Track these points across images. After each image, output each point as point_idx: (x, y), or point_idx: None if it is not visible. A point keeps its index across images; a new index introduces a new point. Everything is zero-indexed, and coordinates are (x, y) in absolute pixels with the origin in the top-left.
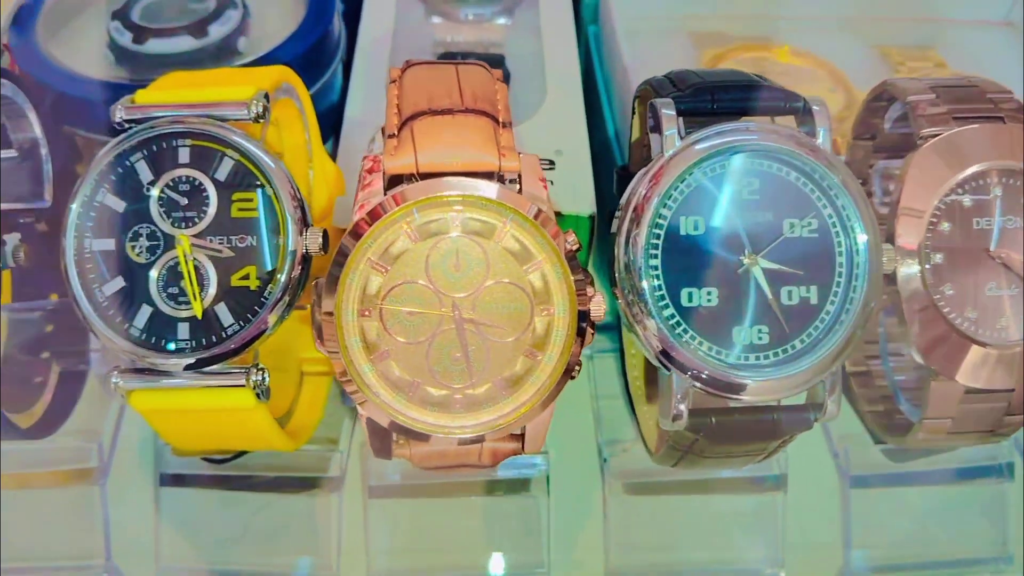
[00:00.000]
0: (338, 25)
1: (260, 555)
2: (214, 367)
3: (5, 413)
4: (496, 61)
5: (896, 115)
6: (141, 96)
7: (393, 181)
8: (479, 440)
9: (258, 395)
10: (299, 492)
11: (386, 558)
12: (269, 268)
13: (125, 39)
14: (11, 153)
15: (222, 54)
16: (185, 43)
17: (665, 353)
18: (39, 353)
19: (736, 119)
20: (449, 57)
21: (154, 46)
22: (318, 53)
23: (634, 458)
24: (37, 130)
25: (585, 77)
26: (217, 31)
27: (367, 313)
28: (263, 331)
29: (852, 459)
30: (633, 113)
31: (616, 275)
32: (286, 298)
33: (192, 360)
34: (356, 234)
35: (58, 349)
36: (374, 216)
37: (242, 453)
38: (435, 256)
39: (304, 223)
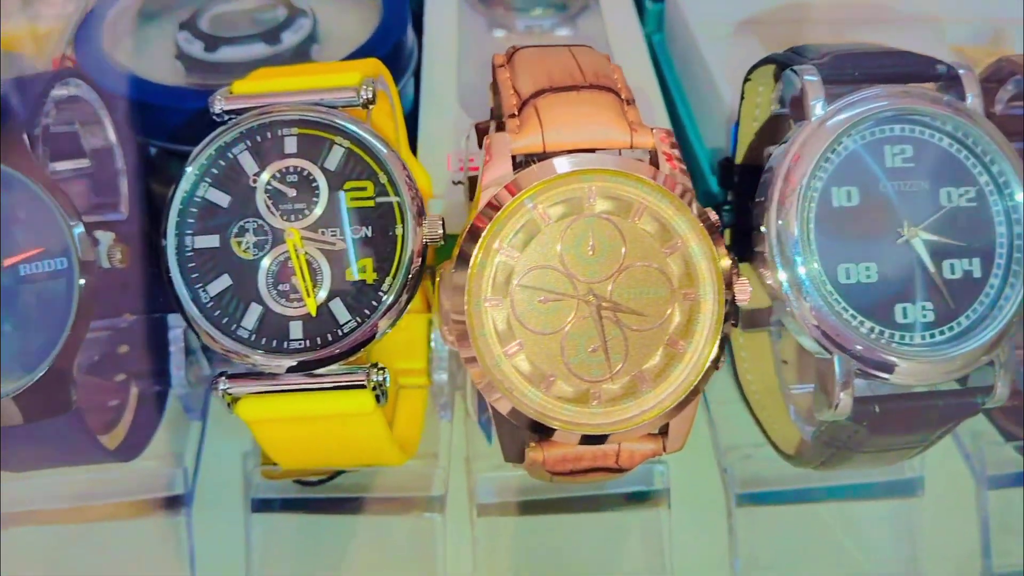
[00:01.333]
0: (411, 36)
1: None
2: (330, 368)
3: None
4: None
5: (1010, 95)
6: (239, 87)
7: (519, 160)
8: (622, 438)
9: (377, 397)
10: (400, 513)
11: None
12: (388, 259)
13: (196, 48)
14: (84, 163)
15: (295, 61)
16: (259, 50)
17: (825, 335)
18: (114, 374)
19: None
20: None
21: (226, 54)
22: (393, 61)
23: (757, 465)
24: (112, 137)
25: None
26: (290, 39)
27: (497, 302)
28: (383, 329)
29: (988, 458)
30: (742, 98)
31: (766, 255)
32: (406, 291)
33: (306, 360)
34: (485, 218)
35: (134, 370)
36: (502, 198)
37: (337, 474)
38: (568, 239)
39: (421, 211)
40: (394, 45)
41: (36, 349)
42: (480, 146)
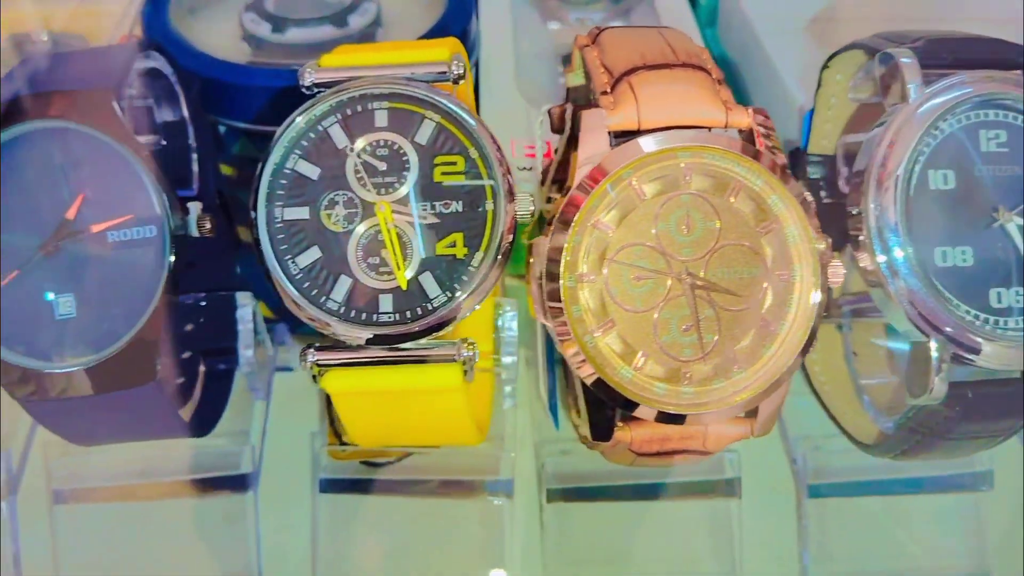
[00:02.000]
0: (475, 23)
1: (427, 566)
2: (419, 341)
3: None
4: None
5: None
6: (327, 60)
7: (613, 137)
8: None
9: (466, 372)
10: (467, 497)
11: (563, 568)
12: (478, 235)
13: (263, 29)
14: (157, 137)
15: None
16: (326, 32)
17: (922, 317)
18: (183, 350)
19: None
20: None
21: (294, 35)
22: None
23: (827, 456)
24: (185, 112)
25: None
26: (356, 21)
27: (592, 278)
28: (472, 304)
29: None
30: (819, 86)
31: (862, 238)
32: (496, 267)
33: (396, 333)
34: (582, 193)
35: (203, 346)
36: (598, 174)
37: (404, 456)
38: (663, 216)
39: (511, 187)
40: (462, 31)
41: (122, 317)
42: (553, 130)
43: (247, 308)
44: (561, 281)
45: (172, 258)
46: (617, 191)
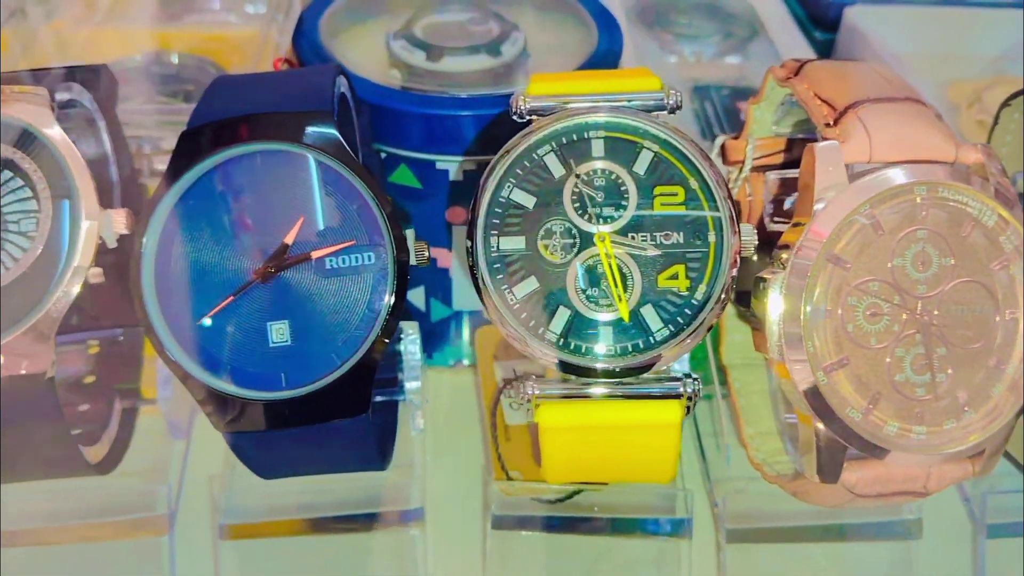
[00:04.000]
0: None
1: None
2: (643, 376)
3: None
4: (753, 94)
5: None
6: (536, 88)
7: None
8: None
9: (688, 409)
10: (644, 536)
11: None
12: (700, 267)
13: (416, 57)
14: None
15: (513, 74)
16: (481, 62)
17: None
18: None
19: None
20: (703, 91)
21: (449, 64)
22: None
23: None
24: (357, 137)
25: None
26: (509, 51)
27: (827, 313)
28: (699, 336)
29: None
30: (995, 123)
31: None
32: (721, 301)
33: (618, 367)
34: (823, 227)
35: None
36: (839, 208)
37: (576, 492)
38: (900, 251)
39: (735, 219)
40: (615, 63)
41: (339, 346)
42: (726, 162)
43: (413, 339)
44: (801, 315)
45: (395, 286)
46: (858, 225)
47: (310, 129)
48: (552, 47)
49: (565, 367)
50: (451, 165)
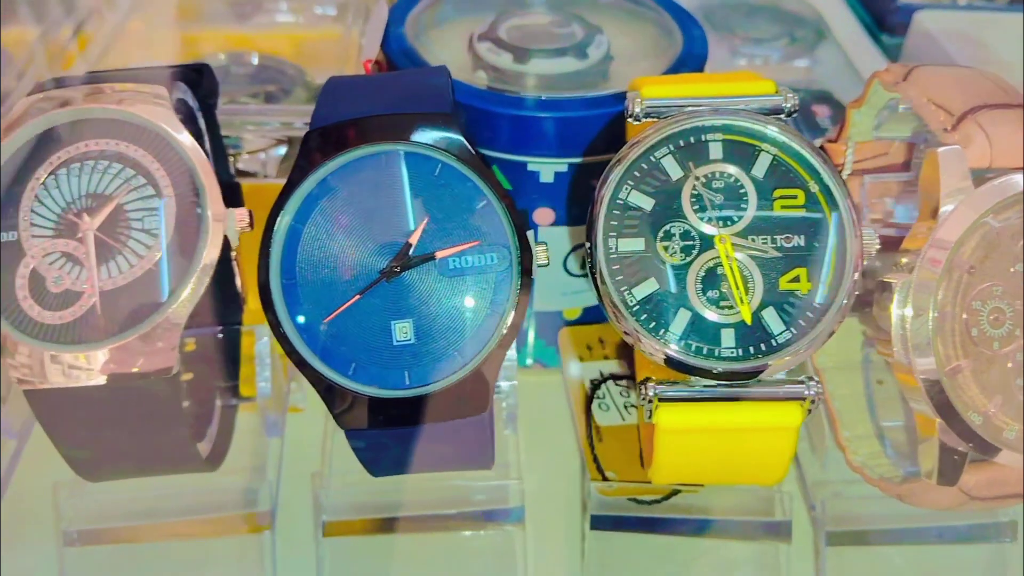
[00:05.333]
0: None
1: None
2: (763, 378)
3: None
4: (824, 97)
5: None
6: (650, 91)
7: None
8: None
9: (809, 411)
10: (743, 539)
11: None
12: (822, 270)
13: (503, 59)
14: None
15: (597, 77)
16: (567, 64)
17: None
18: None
19: None
20: None
21: (537, 66)
22: None
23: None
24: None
25: None
26: (595, 54)
27: (952, 316)
28: (821, 342)
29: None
30: None
31: None
32: (844, 303)
33: (740, 369)
34: (950, 232)
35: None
36: (962, 213)
37: (674, 493)
38: (1021, 256)
39: (856, 220)
40: (700, 66)
41: (462, 345)
42: None
43: None
44: (928, 321)
45: (519, 287)
46: (983, 230)
47: (435, 130)
48: (636, 50)
49: (685, 368)
50: (542, 167)
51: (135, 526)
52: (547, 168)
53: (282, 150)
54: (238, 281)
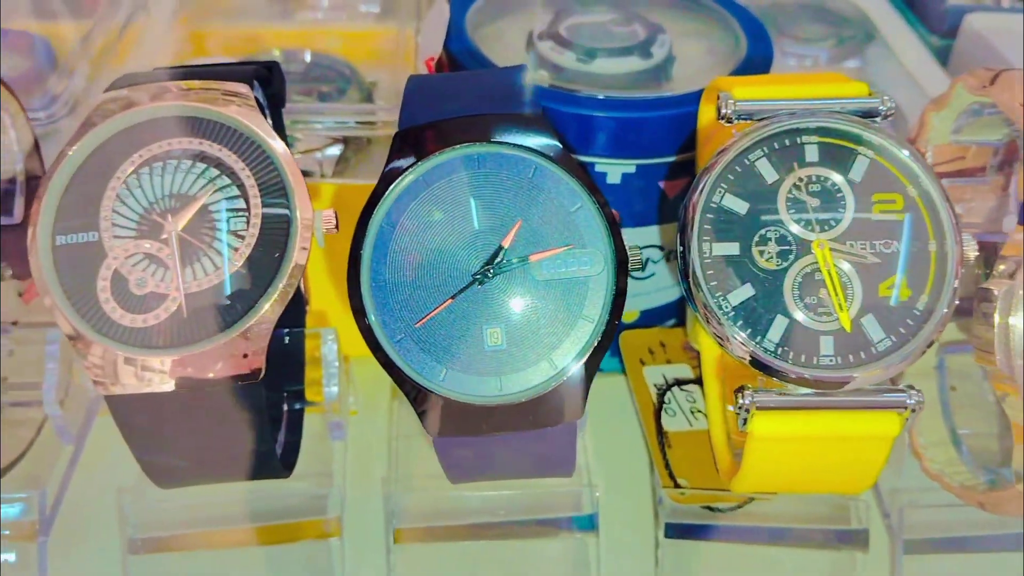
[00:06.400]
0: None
1: None
2: (863, 386)
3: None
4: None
5: None
6: (741, 92)
7: None
8: None
9: (907, 420)
10: (818, 547)
11: None
12: (922, 276)
13: (566, 58)
14: None
15: (660, 76)
16: (632, 63)
17: None
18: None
19: None
20: None
21: (601, 66)
22: None
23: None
24: None
25: None
26: (658, 53)
27: None
28: (922, 350)
29: None
30: None
31: None
32: (948, 313)
33: (838, 378)
34: None
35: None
36: None
37: (748, 501)
38: None
39: (957, 226)
40: (767, 67)
41: (554, 351)
42: None
43: None
44: None
45: (613, 291)
46: None
47: (528, 131)
48: (698, 50)
49: (779, 375)
50: (609, 168)
51: (200, 533)
52: (615, 169)
53: (337, 149)
54: (302, 283)
